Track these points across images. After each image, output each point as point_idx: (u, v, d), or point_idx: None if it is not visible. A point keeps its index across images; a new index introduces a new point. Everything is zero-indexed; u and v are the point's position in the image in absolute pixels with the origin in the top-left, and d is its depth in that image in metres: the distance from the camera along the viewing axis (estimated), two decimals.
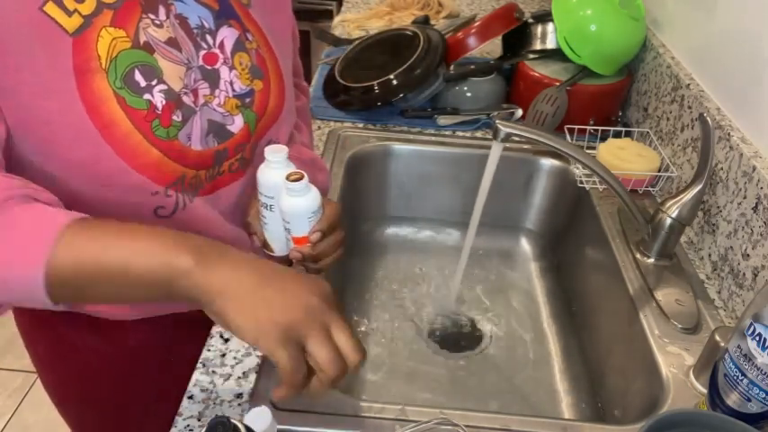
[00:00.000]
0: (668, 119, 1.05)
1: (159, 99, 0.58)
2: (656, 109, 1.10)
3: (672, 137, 1.03)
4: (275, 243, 0.70)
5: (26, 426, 1.74)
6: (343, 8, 1.73)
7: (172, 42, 0.59)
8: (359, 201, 1.15)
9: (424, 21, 1.47)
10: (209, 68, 0.62)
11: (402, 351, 0.97)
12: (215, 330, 0.75)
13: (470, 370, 0.95)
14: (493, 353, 0.98)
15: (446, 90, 1.20)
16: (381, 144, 1.14)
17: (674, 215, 0.84)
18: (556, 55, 1.18)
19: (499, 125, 0.79)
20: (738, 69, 0.89)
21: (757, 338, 0.57)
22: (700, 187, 0.83)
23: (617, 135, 1.10)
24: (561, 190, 1.12)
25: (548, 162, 1.12)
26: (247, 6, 0.67)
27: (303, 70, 0.89)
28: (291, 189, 0.62)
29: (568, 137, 1.10)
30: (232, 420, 0.49)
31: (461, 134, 1.17)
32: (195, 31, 0.61)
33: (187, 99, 0.61)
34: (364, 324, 1.01)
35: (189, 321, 0.77)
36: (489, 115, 1.18)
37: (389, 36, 1.28)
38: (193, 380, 0.69)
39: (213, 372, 0.70)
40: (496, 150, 0.82)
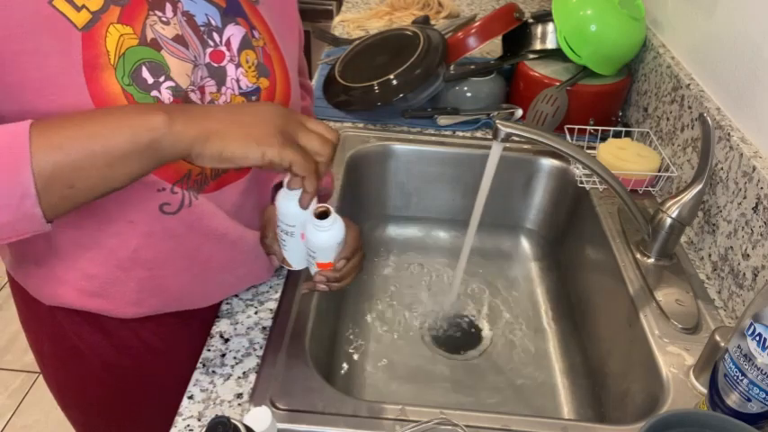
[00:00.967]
0: (668, 119, 1.05)
1: (166, 96, 0.58)
2: (656, 109, 1.10)
3: (672, 137, 1.03)
4: (295, 261, 0.72)
5: (26, 426, 1.74)
6: (343, 8, 1.73)
7: (179, 39, 0.59)
8: (359, 201, 1.15)
9: (424, 21, 1.47)
10: (215, 66, 0.62)
11: (402, 351, 0.97)
12: (215, 330, 0.75)
13: (470, 370, 0.95)
14: (493, 352, 0.98)
15: (446, 90, 1.20)
16: (381, 144, 1.14)
17: (674, 215, 0.84)
18: (556, 55, 1.18)
19: (499, 125, 0.79)
20: (738, 69, 0.89)
21: (757, 338, 0.57)
22: (700, 187, 0.83)
23: (617, 135, 1.10)
24: (561, 190, 1.12)
25: (548, 162, 1.12)
26: (255, 3, 0.67)
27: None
28: (319, 226, 0.64)
29: (568, 137, 1.10)
30: (232, 420, 0.50)
31: (461, 134, 1.17)
32: (202, 29, 0.61)
33: (194, 96, 0.61)
34: (364, 324, 1.01)
35: (189, 321, 0.77)
36: (489, 115, 1.18)
37: (389, 36, 1.28)
38: (193, 380, 0.69)
39: (213, 372, 0.70)
40: (496, 150, 0.82)
